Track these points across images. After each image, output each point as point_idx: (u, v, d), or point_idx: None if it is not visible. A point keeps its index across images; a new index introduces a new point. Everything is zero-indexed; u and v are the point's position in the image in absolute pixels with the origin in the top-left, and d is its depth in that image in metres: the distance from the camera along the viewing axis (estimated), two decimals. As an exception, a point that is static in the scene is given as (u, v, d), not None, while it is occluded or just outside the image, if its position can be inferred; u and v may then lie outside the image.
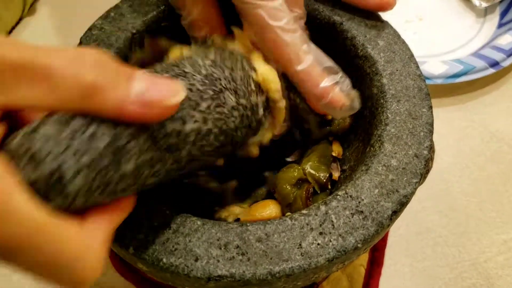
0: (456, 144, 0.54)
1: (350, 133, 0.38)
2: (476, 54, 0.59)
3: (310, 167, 0.36)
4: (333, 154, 0.37)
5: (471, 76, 0.56)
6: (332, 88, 0.30)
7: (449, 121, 0.56)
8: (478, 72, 0.57)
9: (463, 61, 0.57)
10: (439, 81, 0.56)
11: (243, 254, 0.26)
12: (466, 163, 0.53)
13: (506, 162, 0.53)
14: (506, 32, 0.61)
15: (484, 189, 0.51)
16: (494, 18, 0.66)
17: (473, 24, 0.66)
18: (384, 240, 0.46)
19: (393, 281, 0.44)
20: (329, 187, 0.36)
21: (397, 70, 0.35)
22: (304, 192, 0.34)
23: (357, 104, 0.31)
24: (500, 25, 0.64)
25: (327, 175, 0.36)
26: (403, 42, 0.37)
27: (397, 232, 0.47)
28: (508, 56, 0.58)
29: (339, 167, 0.38)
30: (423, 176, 0.31)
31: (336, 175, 0.37)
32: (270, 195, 0.37)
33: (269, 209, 0.35)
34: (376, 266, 0.44)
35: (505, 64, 0.57)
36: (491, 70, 0.57)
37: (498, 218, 0.49)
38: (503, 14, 0.65)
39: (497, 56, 0.58)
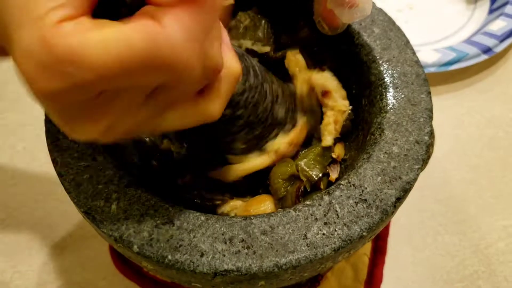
0: (453, 132, 0.54)
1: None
2: (468, 41, 0.59)
3: (304, 163, 0.35)
4: (333, 155, 0.36)
5: (464, 63, 0.56)
6: None
7: (444, 110, 0.56)
8: (471, 59, 0.57)
9: (456, 48, 0.57)
10: (432, 70, 0.56)
11: (248, 247, 0.26)
12: (464, 151, 0.53)
13: (503, 148, 0.53)
14: (497, 18, 0.61)
15: (482, 176, 0.51)
16: (485, 4, 0.66)
17: (464, 10, 0.66)
18: (387, 229, 0.46)
19: (395, 271, 0.44)
20: (322, 187, 0.35)
21: (394, 57, 0.35)
22: (295, 190, 0.34)
23: (368, 8, 0.30)
24: (491, 11, 0.64)
25: (320, 175, 0.35)
26: (398, 28, 0.37)
27: (397, 223, 0.47)
28: (501, 41, 0.58)
29: (339, 169, 0.37)
30: (424, 161, 0.31)
31: (333, 176, 0.36)
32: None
33: (265, 205, 0.34)
34: (379, 255, 0.44)
35: (498, 49, 0.57)
36: (484, 57, 0.57)
37: (497, 205, 0.49)
38: (493, 0, 0.65)
39: (490, 42, 0.58)
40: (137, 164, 0.35)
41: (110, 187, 0.28)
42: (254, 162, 0.34)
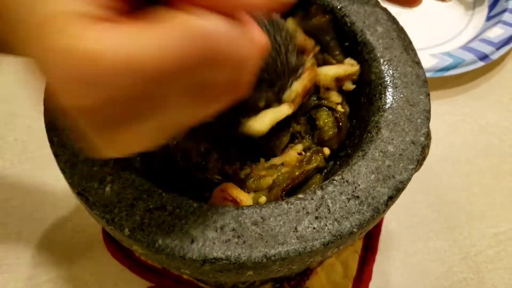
0: (447, 138, 0.54)
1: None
2: (465, 47, 0.59)
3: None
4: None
5: (461, 69, 0.56)
6: None
7: (439, 115, 0.56)
8: (467, 65, 0.56)
9: (453, 54, 0.57)
10: (428, 75, 0.56)
11: (239, 237, 0.26)
12: (457, 157, 0.53)
13: (496, 156, 0.53)
14: (495, 25, 0.61)
15: (474, 183, 0.51)
16: (483, 11, 0.66)
17: (462, 17, 0.66)
18: (378, 228, 0.46)
19: (385, 276, 0.44)
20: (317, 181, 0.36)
21: (395, 57, 0.35)
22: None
23: None
24: (489, 18, 0.64)
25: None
26: (402, 29, 0.37)
27: (388, 227, 0.47)
28: (497, 49, 0.58)
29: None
30: (419, 162, 0.31)
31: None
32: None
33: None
34: (370, 253, 0.44)
35: (494, 57, 0.57)
36: (481, 63, 0.57)
37: (488, 212, 0.49)
38: (491, 7, 0.65)
39: (486, 49, 0.58)
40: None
41: (105, 169, 0.29)
42: (279, 109, 0.33)
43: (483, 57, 0.57)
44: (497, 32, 0.59)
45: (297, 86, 0.34)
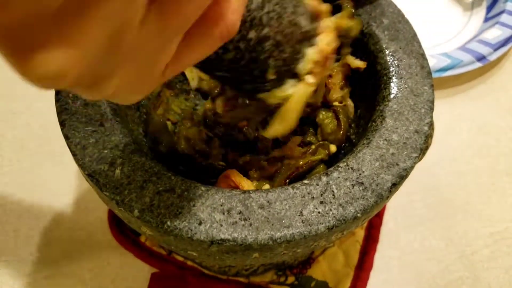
0: (444, 138, 0.54)
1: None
2: (463, 48, 0.59)
3: None
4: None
5: (458, 70, 0.56)
6: None
7: (436, 115, 0.54)
8: (465, 66, 0.57)
9: (450, 55, 0.57)
10: (426, 76, 0.56)
11: (245, 219, 0.27)
12: (454, 157, 0.53)
13: (493, 156, 0.53)
14: (492, 26, 0.61)
15: (471, 183, 0.51)
16: (481, 12, 0.66)
17: (460, 17, 0.66)
18: (380, 218, 0.46)
19: (381, 274, 0.44)
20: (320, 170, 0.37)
21: (400, 48, 0.35)
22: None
23: None
24: (487, 19, 0.64)
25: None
26: (407, 21, 0.37)
27: (386, 226, 0.47)
28: (495, 50, 0.58)
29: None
30: (422, 151, 0.31)
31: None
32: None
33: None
34: (372, 242, 0.45)
35: (492, 58, 0.58)
36: (478, 64, 0.57)
37: (484, 211, 0.49)
38: (489, 8, 0.65)
39: (484, 50, 0.58)
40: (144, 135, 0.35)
41: (115, 152, 0.29)
42: (297, 90, 0.29)
43: (481, 58, 0.57)
44: (494, 33, 0.60)
45: (313, 54, 0.29)
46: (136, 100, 0.19)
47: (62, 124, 0.30)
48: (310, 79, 0.29)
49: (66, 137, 0.30)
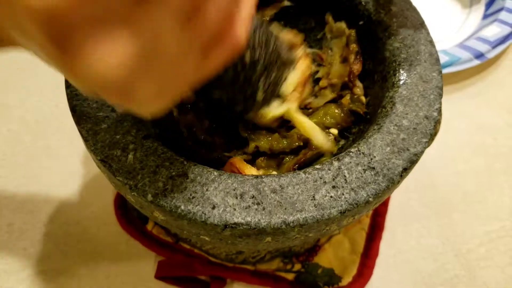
0: (441, 136, 0.53)
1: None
2: (462, 45, 0.59)
3: None
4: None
5: (457, 67, 0.56)
6: None
7: None
8: (463, 63, 0.56)
9: (449, 52, 0.57)
10: (423, 73, 0.56)
11: (258, 203, 0.27)
12: (451, 155, 0.53)
13: (490, 155, 0.53)
14: (491, 23, 0.61)
15: (468, 182, 0.51)
16: (480, 9, 0.66)
17: (458, 15, 0.66)
18: (385, 206, 0.47)
19: (377, 272, 0.44)
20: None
21: (409, 35, 0.35)
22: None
23: None
24: (485, 16, 0.64)
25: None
26: (415, 9, 0.38)
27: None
28: (493, 47, 0.58)
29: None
30: (432, 137, 0.32)
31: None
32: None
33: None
34: (377, 230, 0.45)
35: (490, 55, 0.57)
36: (476, 62, 0.57)
37: (481, 210, 0.49)
38: (488, 5, 0.65)
39: (482, 47, 0.58)
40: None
41: (128, 138, 0.29)
42: (280, 108, 0.34)
43: (479, 55, 0.57)
44: (493, 31, 0.59)
45: (293, 77, 0.35)
46: (157, 112, 0.19)
47: (73, 110, 0.30)
48: (293, 96, 0.35)
49: (78, 123, 0.30)
